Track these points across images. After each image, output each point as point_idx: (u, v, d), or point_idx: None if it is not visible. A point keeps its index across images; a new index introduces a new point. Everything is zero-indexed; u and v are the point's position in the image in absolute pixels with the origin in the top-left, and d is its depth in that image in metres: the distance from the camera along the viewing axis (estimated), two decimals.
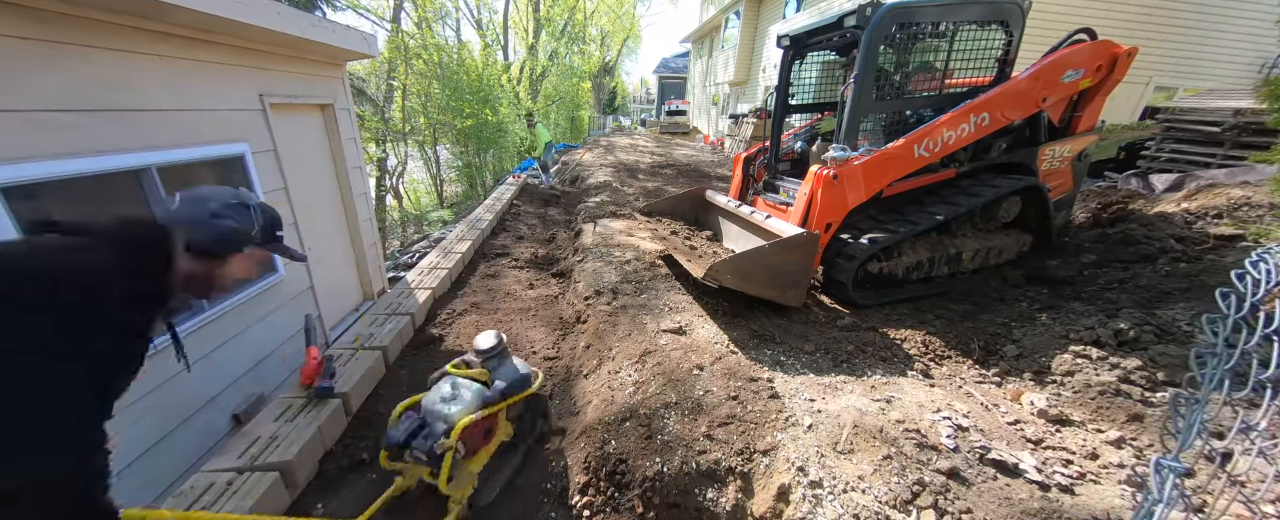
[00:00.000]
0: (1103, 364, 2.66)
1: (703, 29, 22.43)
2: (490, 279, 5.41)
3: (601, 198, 7.97)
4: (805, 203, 3.74)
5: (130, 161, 2.48)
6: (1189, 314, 2.98)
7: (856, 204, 3.72)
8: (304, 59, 3.91)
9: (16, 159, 2.02)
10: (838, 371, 2.80)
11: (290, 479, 2.43)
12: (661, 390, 2.60)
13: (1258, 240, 4.04)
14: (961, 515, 1.76)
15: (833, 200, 3.63)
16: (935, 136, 3.69)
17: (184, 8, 2.43)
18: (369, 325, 3.91)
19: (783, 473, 2.02)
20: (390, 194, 14.87)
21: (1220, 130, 6.17)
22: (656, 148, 16.40)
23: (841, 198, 3.64)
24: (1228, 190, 4.98)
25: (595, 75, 30.03)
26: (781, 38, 4.57)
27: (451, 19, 18.85)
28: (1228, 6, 10.23)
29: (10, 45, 2.01)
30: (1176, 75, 10.74)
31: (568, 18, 23.76)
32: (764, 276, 3.33)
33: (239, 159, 3.21)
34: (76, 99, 2.27)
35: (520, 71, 21.43)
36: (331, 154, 4.46)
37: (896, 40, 3.72)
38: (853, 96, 3.70)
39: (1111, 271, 4.17)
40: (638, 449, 2.29)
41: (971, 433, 2.17)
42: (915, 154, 3.69)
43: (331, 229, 4.50)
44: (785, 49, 4.60)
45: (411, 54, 12.28)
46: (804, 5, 12.76)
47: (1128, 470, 2.02)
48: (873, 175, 3.66)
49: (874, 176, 3.68)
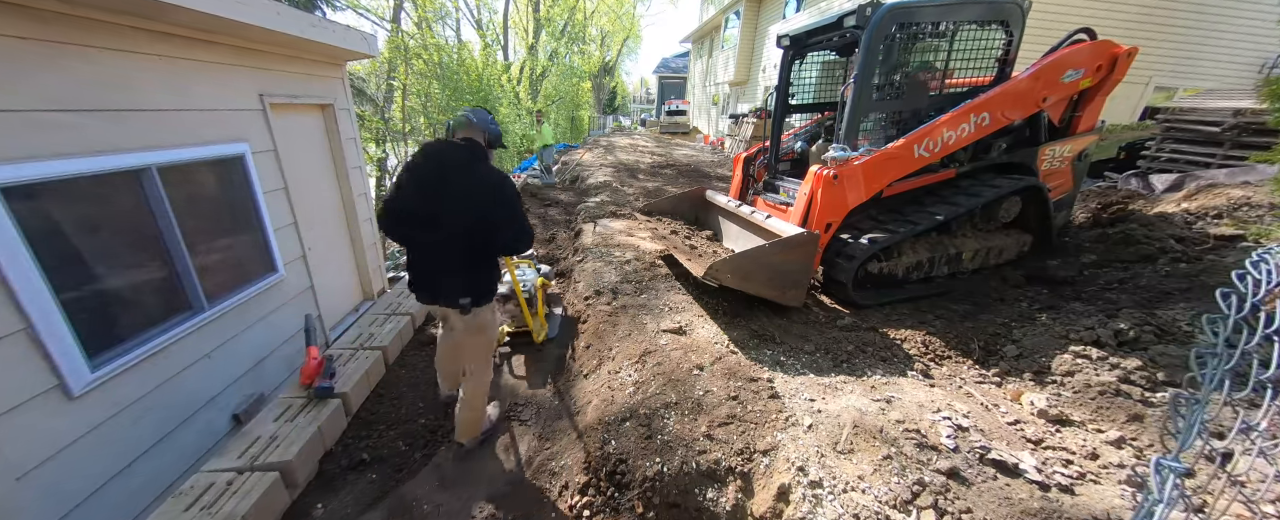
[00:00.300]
0: (1103, 364, 2.66)
1: (703, 29, 22.42)
2: None
3: (601, 198, 7.96)
4: (805, 202, 3.74)
5: (130, 161, 2.48)
6: (1189, 314, 2.98)
7: (856, 204, 3.72)
8: (304, 59, 3.91)
9: (16, 159, 2.02)
10: (838, 371, 2.80)
11: (290, 479, 2.43)
12: (661, 390, 2.60)
13: (1258, 240, 4.04)
14: (961, 515, 1.76)
15: (833, 200, 3.64)
16: (935, 136, 3.69)
17: (184, 8, 2.43)
18: (369, 325, 3.90)
19: (783, 473, 2.02)
20: None
21: (1220, 130, 6.17)
22: (656, 148, 16.39)
23: (841, 198, 3.64)
24: (1228, 190, 4.98)
25: (595, 75, 30.03)
26: (781, 37, 4.57)
27: (451, 19, 18.86)
28: (1228, 6, 10.22)
29: (10, 45, 2.02)
30: (1176, 75, 10.73)
31: (568, 18, 23.76)
32: (764, 276, 3.33)
33: (239, 159, 3.21)
34: (76, 99, 2.27)
35: (520, 71, 21.43)
36: (331, 154, 4.47)
37: (896, 40, 3.72)
38: (853, 97, 3.70)
39: (1111, 271, 4.17)
40: (638, 449, 2.29)
41: (971, 433, 2.17)
42: (915, 154, 3.69)
43: (331, 229, 4.50)
44: (785, 49, 4.61)
45: (411, 54, 12.28)
46: (804, 5, 12.76)
47: (1128, 470, 2.02)
48: (873, 175, 3.66)
49: (874, 177, 3.67)
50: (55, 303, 2.13)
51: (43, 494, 2.07)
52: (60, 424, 2.16)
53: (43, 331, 2.08)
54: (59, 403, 2.16)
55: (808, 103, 5.07)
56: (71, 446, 2.20)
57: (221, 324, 3.07)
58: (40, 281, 2.07)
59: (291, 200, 3.74)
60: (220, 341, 3.06)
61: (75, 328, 2.21)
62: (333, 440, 2.84)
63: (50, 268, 2.12)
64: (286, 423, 2.69)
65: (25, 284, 2.02)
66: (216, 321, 3.02)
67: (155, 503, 2.48)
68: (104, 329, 2.40)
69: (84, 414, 2.26)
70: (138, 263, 2.63)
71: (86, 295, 2.32)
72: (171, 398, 2.72)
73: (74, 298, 2.23)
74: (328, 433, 2.79)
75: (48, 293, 2.11)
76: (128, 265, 2.58)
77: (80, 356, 2.23)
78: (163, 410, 2.66)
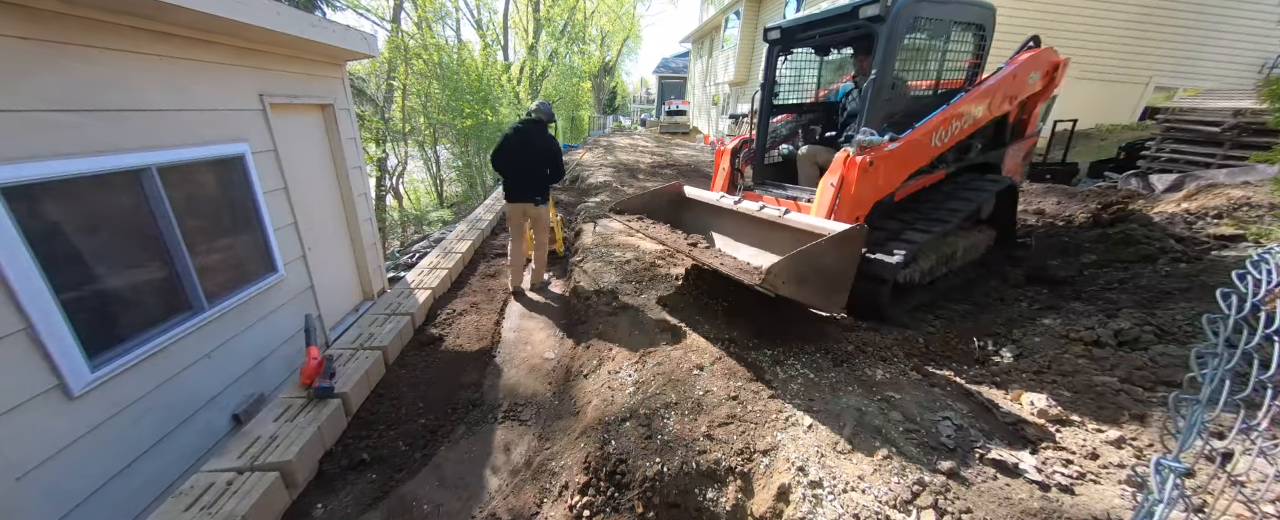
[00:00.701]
0: (1103, 364, 2.66)
1: (703, 29, 22.42)
2: (490, 279, 5.42)
3: (602, 198, 7.96)
4: (834, 193, 3.41)
5: (130, 161, 2.48)
6: (1189, 314, 2.98)
7: (887, 192, 3.55)
8: (304, 59, 3.91)
9: (16, 159, 2.02)
10: (837, 371, 2.80)
11: (290, 479, 2.43)
12: (661, 390, 2.60)
13: (1258, 240, 4.04)
14: (961, 515, 1.76)
15: (866, 188, 3.37)
16: (947, 126, 3.69)
17: (184, 8, 2.43)
18: (369, 325, 3.90)
19: (783, 473, 2.02)
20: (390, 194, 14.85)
21: (1220, 130, 6.17)
22: (656, 148, 16.39)
23: (874, 184, 3.41)
24: (1228, 190, 4.97)
25: (595, 75, 30.01)
26: (769, 30, 4.39)
27: (451, 19, 18.84)
28: (1228, 6, 10.22)
29: (10, 45, 2.02)
30: (1176, 75, 10.73)
31: (568, 18, 23.73)
32: (819, 280, 2.85)
33: (239, 159, 3.21)
34: (76, 99, 2.27)
35: (520, 71, 21.41)
36: (331, 154, 4.47)
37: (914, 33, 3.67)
38: (874, 86, 3.58)
39: (1111, 271, 4.17)
40: (638, 449, 2.29)
41: (971, 432, 2.17)
42: (933, 142, 3.66)
43: (331, 229, 4.50)
44: (773, 43, 4.43)
45: (411, 54, 12.28)
46: (804, 5, 12.76)
47: (1128, 470, 2.01)
48: (904, 161, 3.52)
49: (905, 162, 3.53)
50: (55, 303, 2.13)
51: (43, 494, 2.07)
52: (60, 424, 2.17)
53: (43, 331, 2.08)
54: (59, 403, 2.16)
55: (791, 103, 4.92)
56: (71, 446, 2.20)
57: (221, 324, 3.07)
58: (40, 281, 2.08)
59: (291, 200, 3.73)
60: (220, 341, 3.06)
61: (75, 328, 2.21)
62: (333, 440, 2.84)
63: (50, 268, 2.12)
64: (286, 423, 2.69)
65: (25, 284, 2.02)
66: (216, 321, 3.02)
67: (155, 503, 2.48)
68: (104, 329, 2.40)
69: (84, 414, 2.26)
70: (138, 263, 2.63)
71: (86, 295, 2.32)
72: (171, 398, 2.72)
73: (74, 298, 2.23)
74: (328, 433, 2.79)
75: (48, 293, 2.11)
76: (128, 265, 2.58)
77: (80, 356, 2.23)
78: (163, 410, 2.66)
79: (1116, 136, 7.81)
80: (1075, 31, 9.97)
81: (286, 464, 2.41)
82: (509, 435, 2.92)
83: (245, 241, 3.32)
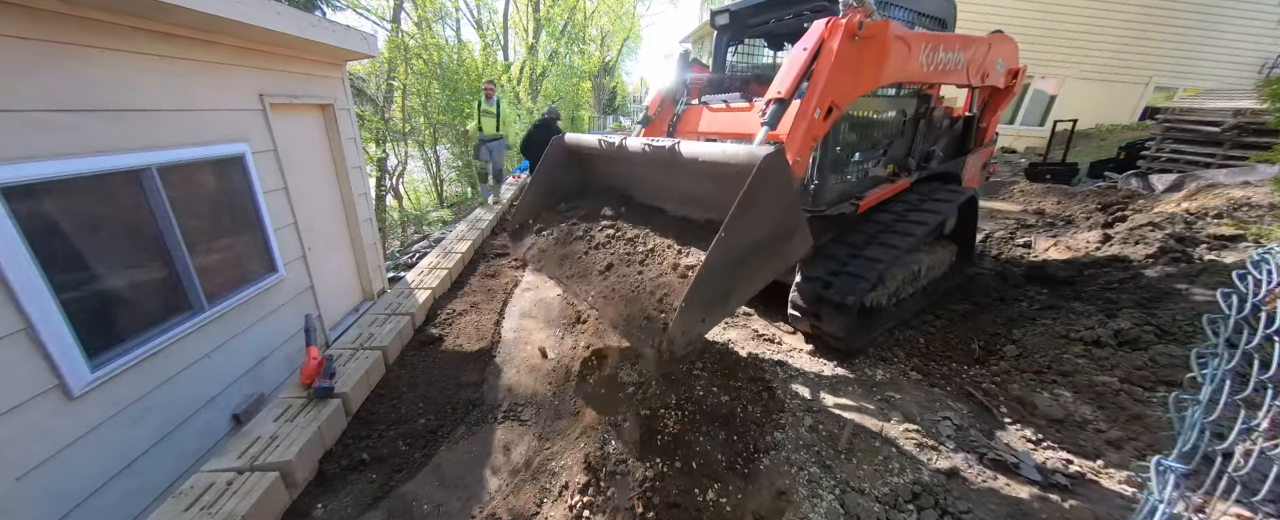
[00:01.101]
0: (1103, 364, 2.66)
1: (702, 29, 22.41)
2: (490, 279, 5.41)
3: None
4: (804, 62, 2.25)
5: (130, 161, 2.48)
6: (1189, 314, 2.98)
7: (874, 87, 2.61)
8: (304, 59, 3.91)
9: (16, 159, 2.02)
10: (838, 371, 2.80)
11: (290, 479, 2.43)
12: (662, 390, 2.60)
13: (1258, 240, 4.04)
14: (961, 515, 1.76)
15: (849, 68, 2.30)
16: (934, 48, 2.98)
17: (184, 8, 2.43)
18: (369, 325, 3.90)
19: (783, 473, 2.02)
20: (390, 194, 14.83)
21: (1220, 130, 6.17)
22: None
23: (856, 72, 2.37)
24: (1228, 190, 4.98)
25: (595, 75, 30.00)
26: (717, 14, 3.88)
27: (451, 19, 18.83)
28: (1228, 6, 10.22)
29: (10, 45, 2.01)
30: (1176, 75, 10.73)
31: (568, 18, 23.73)
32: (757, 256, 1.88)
33: (239, 159, 3.21)
34: (76, 99, 2.27)
35: (520, 71, 21.40)
36: (331, 154, 4.46)
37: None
38: None
39: (1111, 271, 4.17)
40: (638, 448, 2.29)
41: (971, 432, 2.17)
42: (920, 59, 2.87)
43: (331, 229, 4.50)
44: (721, 28, 3.98)
45: (411, 54, 12.27)
46: None
47: (1128, 470, 2.02)
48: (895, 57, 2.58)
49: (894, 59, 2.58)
50: (55, 303, 2.13)
51: (43, 494, 2.07)
52: (60, 424, 2.16)
53: (43, 331, 2.07)
54: (59, 403, 2.15)
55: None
56: (71, 446, 2.20)
57: (221, 324, 3.07)
58: (40, 281, 2.07)
59: (291, 200, 3.73)
60: (220, 341, 3.06)
61: (75, 328, 2.21)
62: (333, 440, 2.83)
63: (50, 268, 2.12)
64: (286, 423, 2.69)
65: (25, 284, 2.02)
66: (216, 321, 3.02)
67: (155, 503, 2.47)
68: (104, 329, 2.40)
69: (84, 414, 2.26)
70: (138, 263, 2.63)
71: (86, 295, 2.32)
72: (171, 398, 2.71)
73: (74, 298, 2.23)
74: (327, 433, 2.79)
75: (48, 293, 2.11)
76: (128, 265, 2.58)
77: (80, 356, 2.23)
78: (163, 410, 2.66)
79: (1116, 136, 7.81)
80: (1075, 31, 9.98)
81: (286, 464, 2.41)
82: (509, 435, 2.92)
83: (245, 241, 3.32)
